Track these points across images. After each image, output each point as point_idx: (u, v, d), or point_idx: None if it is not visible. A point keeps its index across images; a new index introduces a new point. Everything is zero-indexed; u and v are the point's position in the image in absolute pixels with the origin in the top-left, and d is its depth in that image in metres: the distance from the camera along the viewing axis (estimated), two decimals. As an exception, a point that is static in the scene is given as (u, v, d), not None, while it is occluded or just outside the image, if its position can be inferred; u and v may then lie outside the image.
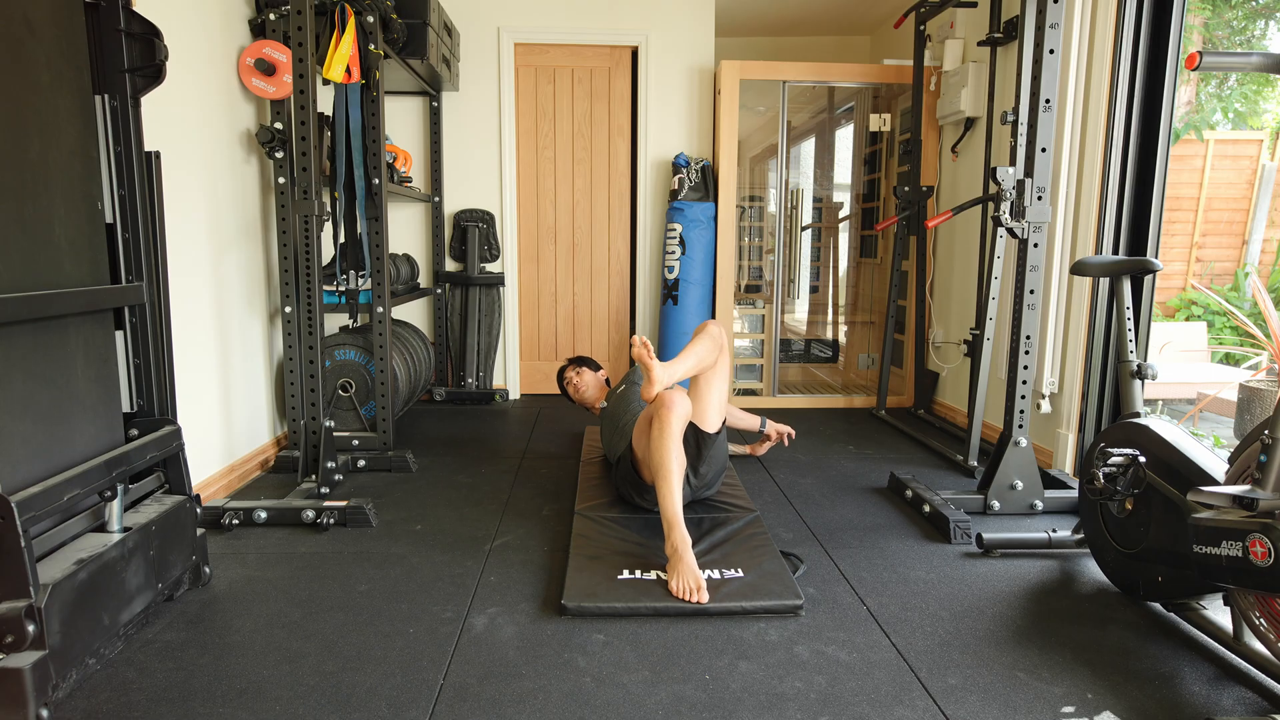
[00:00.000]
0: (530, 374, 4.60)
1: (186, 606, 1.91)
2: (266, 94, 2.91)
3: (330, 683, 1.59)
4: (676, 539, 2.05)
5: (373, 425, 3.30)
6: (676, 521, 2.09)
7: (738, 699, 1.54)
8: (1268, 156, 6.33)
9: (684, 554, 2.01)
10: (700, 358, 2.34)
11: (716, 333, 2.39)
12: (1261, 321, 5.07)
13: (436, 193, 4.27)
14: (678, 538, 2.05)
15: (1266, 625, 1.56)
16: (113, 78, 1.80)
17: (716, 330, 2.39)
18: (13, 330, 1.51)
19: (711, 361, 2.38)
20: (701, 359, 2.34)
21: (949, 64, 3.87)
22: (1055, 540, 2.27)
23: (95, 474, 1.63)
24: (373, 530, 2.42)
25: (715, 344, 2.36)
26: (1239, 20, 7.61)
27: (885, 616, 1.90)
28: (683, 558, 2.00)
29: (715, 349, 2.37)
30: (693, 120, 4.39)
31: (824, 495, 2.82)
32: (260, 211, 3.11)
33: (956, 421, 3.90)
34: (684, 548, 2.03)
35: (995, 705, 1.54)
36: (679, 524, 2.09)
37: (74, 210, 1.70)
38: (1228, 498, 1.50)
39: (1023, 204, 2.48)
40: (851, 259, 5.09)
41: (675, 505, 2.12)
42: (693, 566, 1.98)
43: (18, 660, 1.37)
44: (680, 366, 2.27)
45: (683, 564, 1.99)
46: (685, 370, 2.29)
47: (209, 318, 2.75)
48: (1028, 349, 2.56)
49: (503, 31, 4.22)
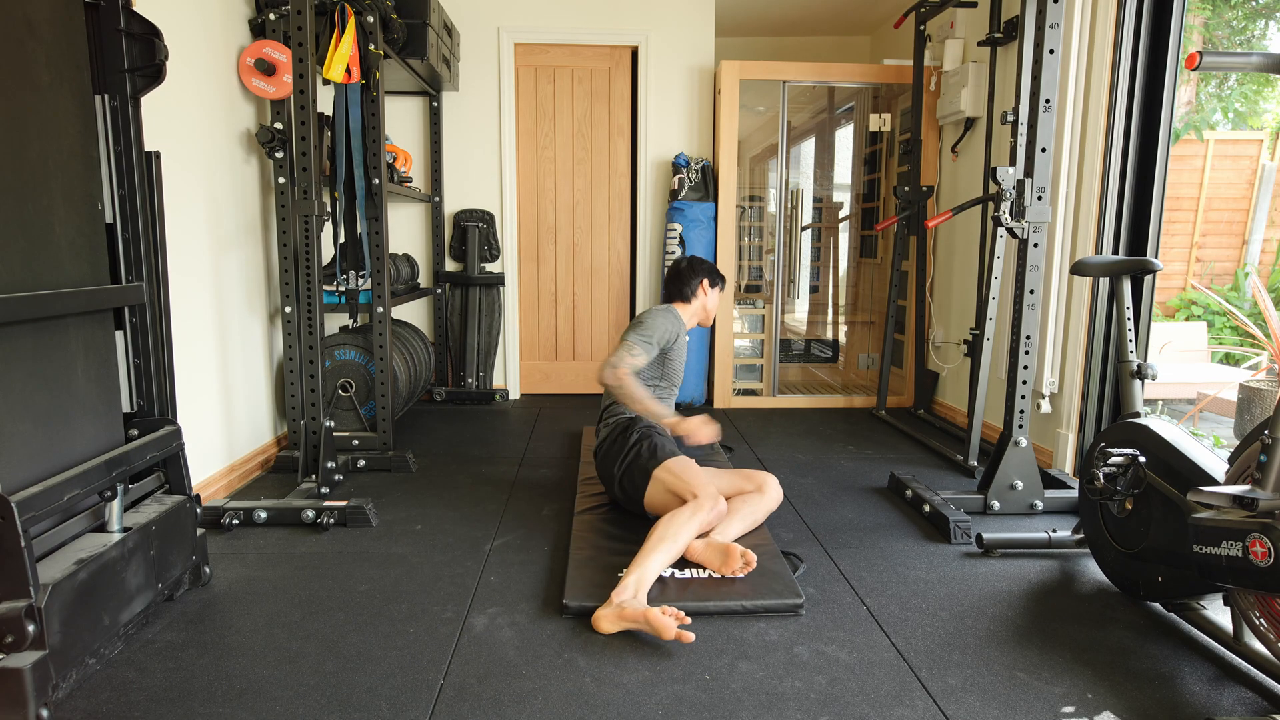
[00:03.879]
0: (530, 374, 4.60)
1: (186, 606, 1.91)
2: (266, 94, 2.91)
3: (330, 683, 1.59)
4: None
5: (373, 425, 3.30)
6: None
7: (738, 699, 1.54)
8: (1268, 156, 6.33)
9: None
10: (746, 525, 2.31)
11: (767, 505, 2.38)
12: (1261, 321, 5.07)
13: (436, 193, 4.27)
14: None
15: (1266, 625, 1.56)
16: (113, 78, 1.80)
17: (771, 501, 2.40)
18: (13, 330, 1.51)
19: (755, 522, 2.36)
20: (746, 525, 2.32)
21: (949, 64, 3.86)
22: (1055, 540, 2.27)
23: (95, 474, 1.63)
24: (373, 530, 2.42)
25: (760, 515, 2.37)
26: (1239, 20, 7.60)
27: (885, 616, 1.90)
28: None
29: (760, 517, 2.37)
30: (693, 120, 4.39)
31: (824, 495, 2.82)
32: (260, 211, 3.11)
33: (956, 421, 3.90)
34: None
35: (995, 705, 1.54)
36: (646, 580, 2.02)
37: (74, 210, 1.70)
38: (1228, 498, 1.50)
39: (1023, 204, 2.48)
40: (851, 259, 5.09)
41: (659, 568, 2.03)
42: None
43: (18, 660, 1.37)
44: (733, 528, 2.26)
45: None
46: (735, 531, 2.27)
47: (209, 318, 2.75)
48: (1028, 349, 2.56)
49: (503, 31, 4.22)
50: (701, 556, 2.08)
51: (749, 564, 2.00)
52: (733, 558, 2.00)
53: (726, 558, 2.02)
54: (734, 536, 2.21)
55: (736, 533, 2.23)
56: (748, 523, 2.29)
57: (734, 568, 2.00)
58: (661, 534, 2.03)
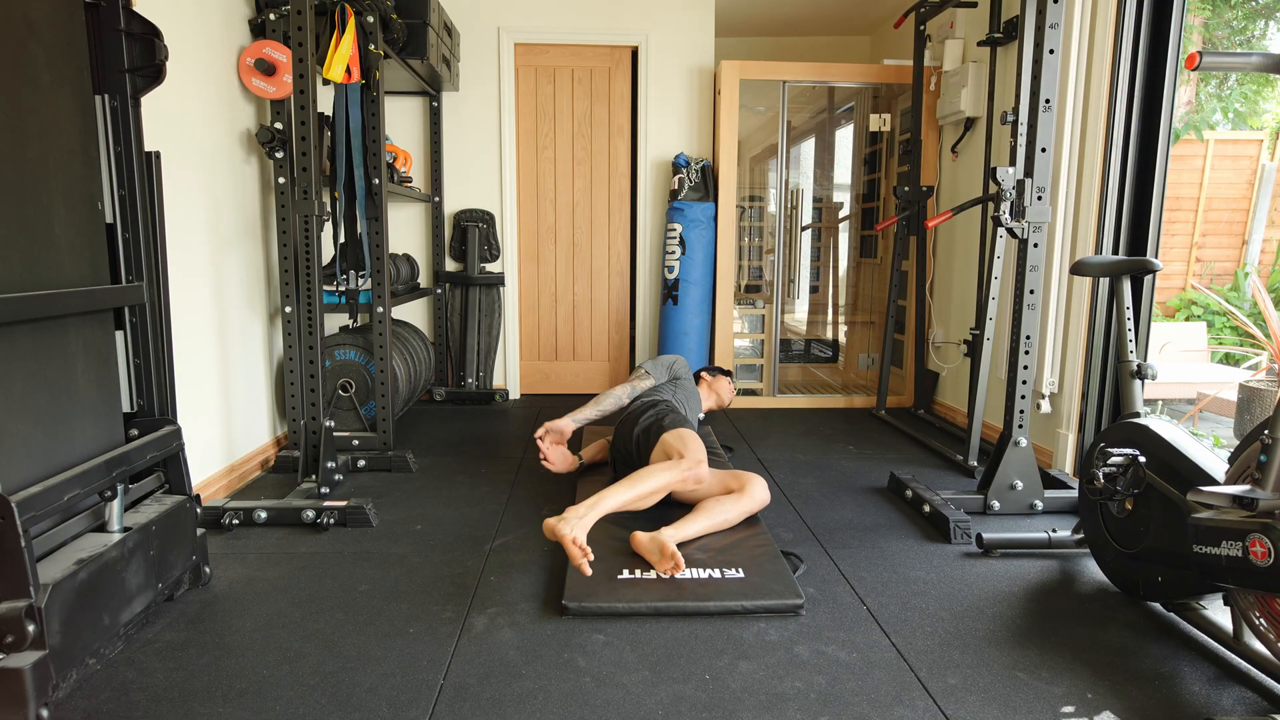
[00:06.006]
0: (530, 374, 4.60)
1: (186, 606, 1.91)
2: (266, 94, 2.91)
3: (330, 683, 1.59)
4: (584, 508, 2.13)
5: (373, 425, 3.30)
6: (601, 505, 2.16)
7: (738, 699, 1.54)
8: (1267, 156, 6.33)
9: (585, 523, 2.08)
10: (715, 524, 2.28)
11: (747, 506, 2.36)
12: (1261, 321, 5.07)
13: (436, 193, 4.27)
14: (586, 509, 2.14)
15: (1266, 625, 1.56)
16: (113, 78, 1.80)
17: (755, 501, 2.38)
18: (13, 330, 1.51)
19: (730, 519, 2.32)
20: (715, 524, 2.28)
21: (949, 64, 3.86)
22: (1055, 540, 2.27)
23: (95, 474, 1.63)
24: (373, 530, 2.42)
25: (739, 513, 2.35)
26: (1239, 20, 7.60)
27: (885, 616, 1.90)
28: (582, 528, 2.06)
29: (738, 516, 2.34)
30: (692, 120, 4.39)
31: (824, 495, 2.82)
32: (260, 211, 3.11)
33: (956, 421, 3.90)
34: (590, 516, 2.11)
35: (995, 705, 1.54)
36: (601, 508, 2.14)
37: (74, 210, 1.70)
38: (1228, 498, 1.50)
39: (1023, 204, 2.48)
40: (851, 259, 5.09)
41: (616, 503, 2.18)
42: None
43: (18, 660, 1.37)
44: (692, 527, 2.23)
45: (580, 525, 2.05)
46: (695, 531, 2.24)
47: (209, 318, 2.75)
48: (1028, 349, 2.56)
49: (503, 31, 4.22)
50: (642, 548, 2.10)
51: (677, 567, 1.99)
52: (665, 558, 2.01)
53: (660, 556, 2.03)
54: (695, 534, 2.20)
55: (698, 531, 2.21)
56: (714, 522, 2.26)
57: (664, 567, 2.01)
58: (634, 477, 2.25)
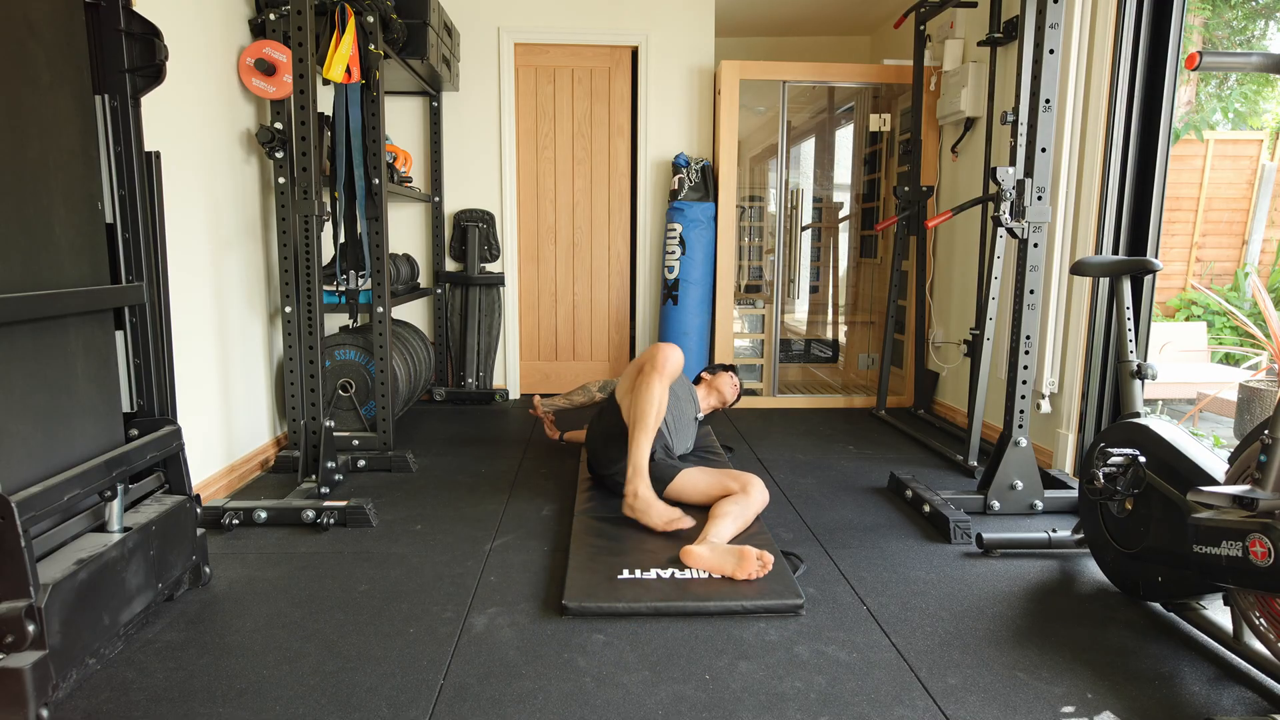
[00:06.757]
0: (530, 374, 4.60)
1: (186, 606, 1.91)
2: (266, 94, 2.91)
3: (330, 683, 1.59)
4: (640, 484, 2.15)
5: (373, 425, 3.30)
6: (643, 468, 2.19)
7: (738, 699, 1.54)
8: (1267, 156, 6.33)
9: (649, 497, 2.14)
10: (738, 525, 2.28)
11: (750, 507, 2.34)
12: (1261, 321, 5.07)
13: (436, 193, 4.27)
14: (641, 483, 2.16)
15: (1266, 625, 1.56)
16: (113, 78, 1.80)
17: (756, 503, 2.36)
18: (13, 330, 1.51)
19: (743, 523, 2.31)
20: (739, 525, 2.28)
21: (949, 64, 3.86)
22: (1055, 540, 2.27)
23: (95, 474, 1.63)
24: (373, 530, 2.42)
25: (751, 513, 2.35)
26: (1239, 20, 7.60)
27: (885, 616, 1.90)
28: (650, 504, 2.13)
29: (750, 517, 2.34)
30: (692, 120, 4.39)
31: (824, 495, 2.82)
32: (260, 211, 3.11)
33: (956, 421, 3.90)
34: (647, 490, 2.15)
35: (995, 705, 1.54)
36: (644, 471, 2.18)
37: (74, 210, 1.70)
38: (1228, 498, 1.50)
39: (1023, 204, 2.48)
40: (851, 259, 5.09)
41: (644, 454, 2.21)
42: (659, 506, 2.12)
43: (18, 660, 1.37)
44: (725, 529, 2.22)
45: (651, 508, 2.10)
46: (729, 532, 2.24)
47: (209, 318, 2.75)
48: (1028, 349, 2.56)
49: (503, 31, 4.22)
50: (710, 563, 2.01)
51: (765, 565, 1.96)
52: (748, 560, 1.96)
53: (741, 560, 1.97)
54: (728, 538, 2.19)
55: (730, 534, 2.21)
56: (739, 523, 2.27)
57: (750, 570, 1.95)
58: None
